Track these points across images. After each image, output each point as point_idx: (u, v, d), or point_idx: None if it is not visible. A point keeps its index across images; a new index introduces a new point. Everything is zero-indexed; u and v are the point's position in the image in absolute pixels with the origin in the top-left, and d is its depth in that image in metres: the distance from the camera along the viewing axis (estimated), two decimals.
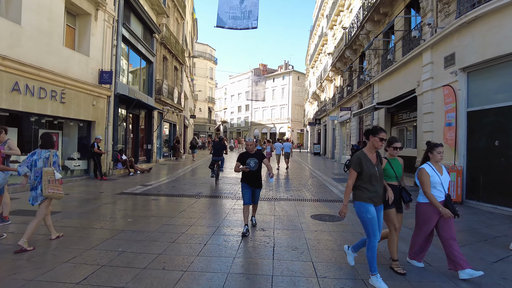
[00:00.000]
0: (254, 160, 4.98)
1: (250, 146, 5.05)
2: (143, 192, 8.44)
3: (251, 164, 4.95)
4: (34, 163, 4.00)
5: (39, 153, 4.07)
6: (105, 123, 11.38)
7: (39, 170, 3.98)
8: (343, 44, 18.84)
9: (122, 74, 13.28)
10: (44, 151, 4.09)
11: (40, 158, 4.01)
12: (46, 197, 4.04)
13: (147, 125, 16.49)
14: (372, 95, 14.96)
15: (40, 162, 4.00)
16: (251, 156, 5.02)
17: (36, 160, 4.00)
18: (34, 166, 3.99)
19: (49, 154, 4.07)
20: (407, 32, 11.55)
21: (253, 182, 5.01)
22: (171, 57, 19.74)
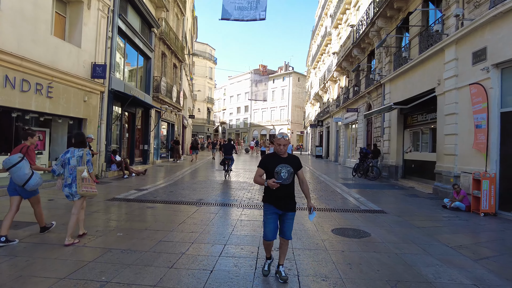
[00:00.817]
0: (287, 168, 3.19)
1: (283, 147, 3.21)
2: (138, 198, 7.55)
3: (283, 174, 3.17)
4: (68, 161, 4.12)
5: (72, 152, 4.18)
6: (97, 121, 10.48)
7: (73, 168, 4.09)
8: (350, 43, 18.07)
9: (118, 69, 12.40)
10: (77, 149, 4.18)
11: (73, 156, 4.13)
12: (81, 195, 4.17)
13: (143, 124, 15.60)
14: (382, 95, 14.16)
15: (74, 161, 4.11)
16: (283, 162, 3.22)
17: (69, 158, 4.12)
18: (68, 164, 4.11)
19: (83, 152, 4.17)
20: (425, 27, 10.77)
21: (284, 203, 3.23)
22: (170, 54, 18.87)
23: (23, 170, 4.08)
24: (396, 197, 9.14)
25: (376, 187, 11.07)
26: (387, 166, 13.41)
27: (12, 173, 4.10)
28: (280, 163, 3.21)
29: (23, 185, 4.13)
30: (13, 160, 4.08)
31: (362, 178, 13.35)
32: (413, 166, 12.04)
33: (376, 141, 14.87)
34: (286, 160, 3.26)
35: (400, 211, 7.09)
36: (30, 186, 4.14)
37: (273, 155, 3.32)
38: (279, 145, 3.22)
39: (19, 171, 4.06)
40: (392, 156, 13.20)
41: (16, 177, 4.08)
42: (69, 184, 4.13)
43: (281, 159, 3.25)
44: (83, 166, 4.13)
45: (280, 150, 3.23)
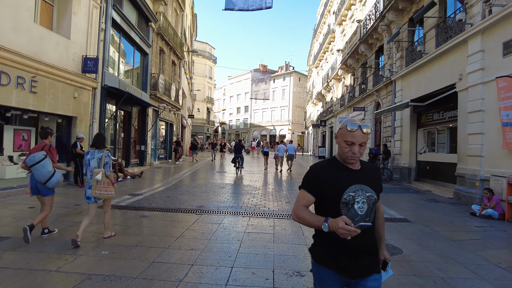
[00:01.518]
0: (365, 193, 1.60)
1: (359, 149, 1.57)
2: (130, 205, 6.75)
3: (360, 205, 1.58)
4: (88, 162, 4.15)
5: (92, 153, 4.19)
6: (89, 119, 9.69)
7: (93, 170, 4.10)
8: (356, 39, 17.30)
9: (112, 64, 11.61)
10: (97, 151, 4.18)
11: (93, 158, 4.15)
12: (95, 197, 4.16)
13: (140, 123, 14.80)
14: (393, 93, 13.39)
15: (94, 162, 4.13)
16: (356, 180, 1.61)
17: (89, 159, 4.14)
18: (88, 166, 4.15)
19: (102, 154, 4.16)
20: (443, 19, 10.00)
21: (357, 264, 1.59)
22: (168, 50, 18.08)
23: (46, 168, 4.15)
24: (415, 202, 8.36)
25: (390, 190, 10.29)
26: (399, 168, 12.63)
27: (34, 170, 4.13)
28: (352, 182, 1.59)
29: (44, 183, 4.16)
30: (37, 157, 4.12)
31: None
32: (428, 168, 11.26)
33: (386, 141, 14.10)
34: (361, 175, 1.64)
35: (425, 219, 6.31)
36: (52, 183, 4.21)
37: (331, 164, 1.67)
38: (350, 146, 1.58)
39: (42, 168, 4.12)
40: (404, 157, 12.42)
41: (39, 174, 4.11)
42: (91, 186, 4.14)
43: (351, 174, 1.63)
44: (99, 168, 4.11)
45: (351, 156, 1.59)
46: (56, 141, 9.04)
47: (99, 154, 4.19)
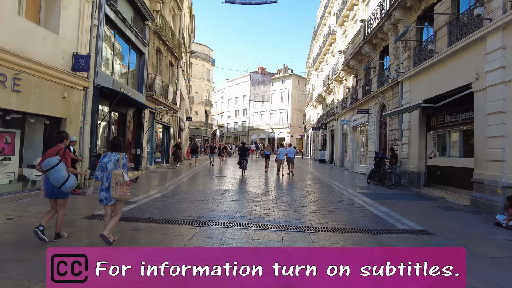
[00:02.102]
0: None
1: None
2: (122, 215, 6.02)
3: None
4: (105, 165, 4.16)
5: (109, 156, 4.22)
6: (80, 121, 9.05)
7: (110, 172, 4.11)
8: (360, 39, 16.81)
9: (105, 63, 11.00)
10: (114, 153, 4.22)
11: (110, 160, 4.17)
12: (115, 199, 4.16)
13: (136, 126, 14.17)
14: (400, 94, 12.85)
15: (111, 165, 4.15)
16: None
17: (106, 162, 4.16)
18: (105, 168, 4.15)
19: (119, 156, 4.20)
20: (456, 16, 9.49)
21: None
22: (166, 50, 17.50)
23: (61, 172, 4.19)
24: (430, 210, 7.77)
25: (399, 197, 9.71)
26: (407, 172, 12.06)
27: (50, 175, 4.18)
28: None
29: (59, 187, 4.23)
30: (52, 162, 4.17)
31: (379, 186, 11.98)
32: (438, 173, 10.69)
33: (393, 144, 13.53)
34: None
35: (447, 231, 5.72)
36: (66, 187, 4.28)
37: None
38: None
39: (57, 173, 4.17)
40: (412, 161, 11.86)
41: (54, 178, 4.17)
42: (107, 188, 4.15)
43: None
44: (118, 169, 4.14)
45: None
46: (43, 145, 8.40)
47: (116, 156, 4.21)
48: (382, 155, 12.84)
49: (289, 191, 10.13)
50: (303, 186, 11.76)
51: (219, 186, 10.78)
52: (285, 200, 8.38)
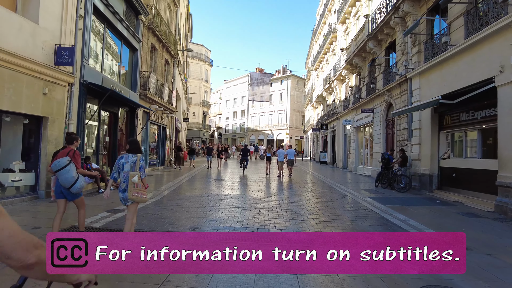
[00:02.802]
0: None
1: None
2: (106, 227, 5.30)
3: None
4: (122, 166, 4.15)
5: (126, 157, 4.19)
6: (64, 120, 8.23)
7: (126, 174, 4.10)
8: (364, 35, 16.09)
9: (94, 58, 10.20)
10: (131, 155, 4.22)
11: (127, 162, 4.16)
12: (132, 200, 4.11)
13: (129, 126, 13.34)
14: (408, 92, 12.12)
15: (127, 166, 4.14)
16: None
17: (123, 163, 4.15)
18: (122, 170, 4.14)
19: (136, 158, 4.19)
20: (473, 4, 8.77)
21: None
22: (161, 48, 16.70)
23: (70, 173, 4.19)
24: (452, 218, 7.01)
25: (413, 201, 8.95)
26: (418, 175, 11.31)
27: (59, 176, 4.18)
28: None
29: (68, 188, 4.21)
30: (62, 163, 4.18)
31: (388, 190, 11.23)
32: (454, 176, 9.94)
33: (401, 145, 12.79)
34: None
35: (483, 244, 4.96)
36: (75, 189, 4.25)
37: None
38: None
39: (67, 173, 4.17)
40: (424, 163, 11.11)
41: (63, 179, 4.17)
42: (123, 189, 4.12)
43: None
44: (135, 171, 4.13)
45: None
46: (22, 147, 7.59)
47: (133, 158, 4.19)
48: (389, 156, 12.09)
49: (293, 196, 9.34)
50: (307, 189, 10.97)
51: (217, 191, 9.98)
52: (290, 207, 7.58)
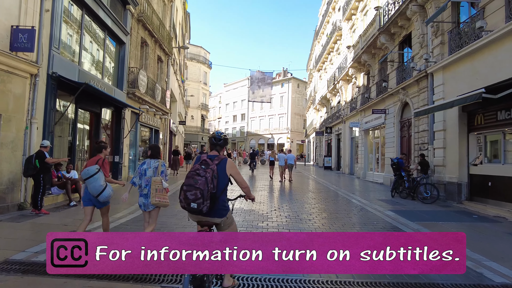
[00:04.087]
0: None
1: None
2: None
3: None
4: (144, 172, 4.17)
5: (148, 163, 4.23)
6: (25, 119, 6.80)
7: (149, 179, 4.11)
8: (375, 29, 14.75)
9: (68, 48, 8.83)
10: (153, 160, 4.25)
11: (149, 167, 4.18)
12: (155, 205, 4.12)
13: (114, 128, 11.91)
14: (429, 88, 10.72)
15: (150, 172, 4.16)
16: None
17: (146, 169, 4.18)
18: (144, 175, 4.15)
19: (158, 164, 4.21)
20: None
21: None
22: (153, 43, 15.34)
23: (99, 181, 4.18)
24: (509, 241, 5.54)
25: (444, 216, 7.51)
26: (442, 183, 9.85)
27: (88, 184, 4.18)
28: None
29: (96, 196, 4.20)
30: (91, 171, 4.19)
31: (409, 200, 9.78)
32: (490, 185, 8.48)
33: (420, 149, 11.35)
34: None
35: None
36: (103, 197, 4.24)
37: None
38: None
39: (95, 182, 4.16)
40: (450, 169, 9.66)
41: (92, 187, 4.17)
42: (145, 194, 4.11)
43: None
44: (157, 176, 4.11)
45: None
46: None
47: (155, 163, 4.20)
48: (399, 161, 10.68)
49: (302, 210, 7.87)
50: (317, 201, 9.51)
51: None
52: (301, 226, 6.12)
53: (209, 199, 2.62)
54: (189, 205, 2.61)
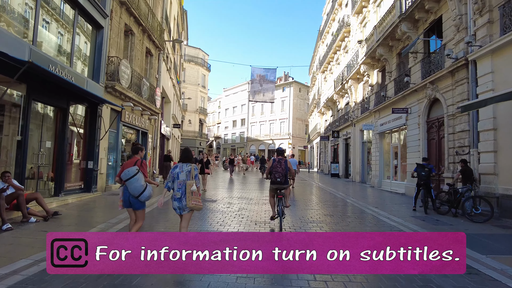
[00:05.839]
0: None
1: None
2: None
3: None
4: (177, 176, 4.22)
5: (180, 167, 4.26)
6: None
7: (182, 183, 4.17)
8: (395, 16, 12.88)
9: (16, 20, 6.89)
10: (185, 164, 4.27)
11: (182, 171, 4.22)
12: (190, 208, 4.18)
13: (88, 128, 9.93)
14: (471, 79, 8.78)
15: (183, 175, 4.20)
16: None
17: (178, 173, 4.22)
18: (177, 179, 4.20)
19: (191, 168, 4.25)
20: None
21: None
22: (140, 33, 13.45)
23: (140, 182, 4.25)
24: None
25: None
26: (493, 196, 7.83)
27: (129, 184, 4.23)
28: None
29: (137, 196, 4.25)
30: (132, 172, 4.24)
31: (450, 217, 7.78)
32: None
33: (458, 153, 9.36)
34: None
35: None
36: (144, 197, 4.31)
37: None
38: None
39: (136, 182, 4.23)
40: (504, 178, 7.66)
41: (133, 188, 4.22)
42: (179, 198, 4.16)
43: None
44: (192, 180, 4.17)
45: None
46: None
47: (187, 167, 4.25)
48: (429, 166, 8.78)
49: (320, 229, 5.83)
50: (336, 219, 7.48)
51: (200, 223, 6.51)
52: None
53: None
54: (276, 179, 5.76)
